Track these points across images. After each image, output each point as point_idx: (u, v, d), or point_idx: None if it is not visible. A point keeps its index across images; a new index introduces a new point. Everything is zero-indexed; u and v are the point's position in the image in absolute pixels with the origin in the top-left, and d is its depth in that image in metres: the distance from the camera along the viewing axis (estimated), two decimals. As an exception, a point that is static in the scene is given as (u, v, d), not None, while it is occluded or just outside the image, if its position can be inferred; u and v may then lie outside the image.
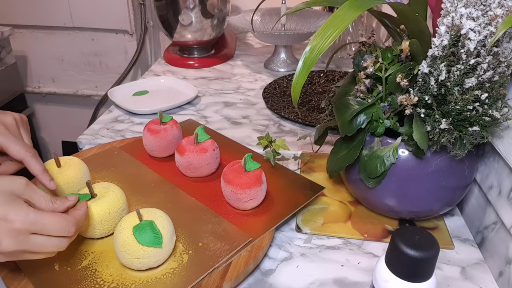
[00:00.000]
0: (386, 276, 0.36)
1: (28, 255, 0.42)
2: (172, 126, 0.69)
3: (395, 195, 0.54)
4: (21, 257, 0.42)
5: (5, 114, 0.52)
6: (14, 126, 0.52)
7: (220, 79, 1.11)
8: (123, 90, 1.00)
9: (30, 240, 0.41)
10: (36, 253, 0.42)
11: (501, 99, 0.47)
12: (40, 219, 0.41)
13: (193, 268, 0.48)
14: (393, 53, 0.51)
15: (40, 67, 1.70)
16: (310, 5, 0.49)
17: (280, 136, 0.82)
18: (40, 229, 0.41)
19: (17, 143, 0.49)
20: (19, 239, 0.40)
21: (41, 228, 0.41)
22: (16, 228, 0.40)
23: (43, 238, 0.42)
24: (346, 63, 1.17)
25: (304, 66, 0.44)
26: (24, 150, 0.49)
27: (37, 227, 0.41)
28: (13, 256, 0.41)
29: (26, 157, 0.49)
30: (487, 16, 0.43)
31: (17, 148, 0.49)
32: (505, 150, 0.51)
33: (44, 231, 0.42)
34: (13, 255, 0.41)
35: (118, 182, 0.63)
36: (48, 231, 0.42)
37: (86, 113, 1.71)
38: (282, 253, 0.56)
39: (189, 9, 1.12)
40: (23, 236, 0.40)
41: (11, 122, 0.52)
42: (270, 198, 0.60)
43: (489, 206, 0.57)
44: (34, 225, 0.41)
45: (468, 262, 0.54)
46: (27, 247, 0.41)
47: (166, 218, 0.50)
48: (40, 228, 0.41)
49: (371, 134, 0.54)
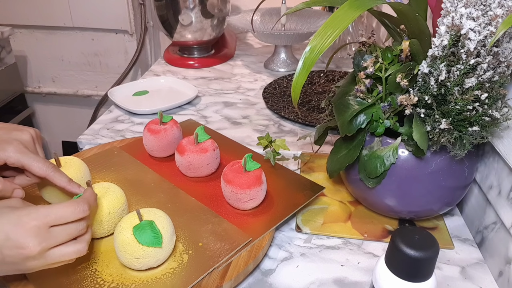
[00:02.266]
0: (386, 276, 0.36)
1: (57, 253, 0.42)
2: (172, 126, 0.69)
3: (395, 195, 0.54)
4: (52, 258, 0.42)
5: (21, 131, 0.53)
6: (31, 143, 0.53)
7: (220, 79, 1.11)
8: (123, 90, 1.00)
9: (51, 233, 0.41)
10: (64, 248, 0.43)
11: (501, 99, 0.47)
12: (51, 209, 0.42)
13: (193, 268, 0.48)
14: (393, 53, 0.51)
15: (40, 67, 1.70)
16: (310, 5, 0.49)
17: (280, 136, 0.82)
18: (55, 219, 0.42)
19: (38, 161, 0.50)
20: (41, 235, 0.40)
21: (56, 217, 0.42)
22: (34, 226, 0.40)
23: (62, 227, 0.42)
24: (346, 63, 1.17)
25: (304, 66, 0.44)
26: (46, 167, 0.50)
27: (52, 218, 0.41)
28: (44, 260, 0.41)
29: (49, 172, 0.50)
30: (487, 16, 0.43)
31: (40, 165, 0.50)
32: (505, 150, 0.51)
33: (60, 219, 0.42)
34: (44, 259, 0.41)
35: (118, 182, 0.63)
36: (63, 217, 0.42)
37: (86, 113, 1.71)
38: (282, 253, 0.56)
39: (189, 9, 1.12)
40: (43, 231, 0.41)
41: (29, 139, 0.53)
42: (270, 198, 0.60)
43: (489, 206, 0.57)
44: (48, 216, 0.41)
45: (467, 262, 0.54)
46: (52, 240, 0.41)
47: (166, 218, 0.50)
48: (55, 217, 0.42)
49: (371, 134, 0.54)
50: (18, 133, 0.53)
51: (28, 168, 0.50)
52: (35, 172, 0.50)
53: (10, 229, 0.40)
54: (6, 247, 0.40)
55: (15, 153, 0.49)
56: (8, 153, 0.49)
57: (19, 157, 0.49)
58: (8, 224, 0.40)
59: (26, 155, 0.50)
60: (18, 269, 0.42)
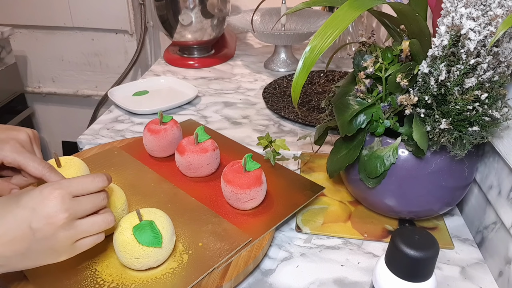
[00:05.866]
0: (386, 276, 0.36)
1: (86, 222, 0.43)
2: (172, 126, 0.69)
3: (395, 195, 0.54)
4: (82, 228, 0.42)
5: (18, 131, 0.53)
6: (29, 143, 0.53)
7: (220, 79, 1.11)
8: (123, 90, 1.00)
9: (76, 201, 0.42)
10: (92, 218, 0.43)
11: (501, 99, 0.47)
12: (72, 180, 0.43)
13: (193, 268, 0.48)
14: (393, 53, 0.51)
15: (40, 67, 1.70)
16: (310, 5, 0.49)
17: (280, 136, 0.82)
18: (76, 188, 0.42)
19: (34, 161, 0.50)
20: (66, 203, 0.41)
21: (77, 186, 0.42)
22: (57, 194, 0.41)
23: (85, 196, 0.43)
24: (346, 63, 1.17)
25: (304, 66, 0.44)
26: (42, 167, 0.50)
27: (74, 187, 0.42)
28: (75, 230, 0.42)
29: (45, 172, 0.50)
30: (487, 16, 0.43)
31: (35, 165, 0.50)
32: (505, 150, 0.51)
33: (81, 189, 0.43)
34: (75, 229, 0.42)
35: (118, 182, 0.63)
36: (84, 186, 0.43)
37: (86, 113, 1.71)
38: (282, 253, 0.56)
39: (189, 9, 1.12)
40: (67, 199, 0.41)
41: (26, 139, 0.53)
42: (270, 198, 0.60)
43: (489, 206, 0.57)
44: (70, 185, 0.42)
45: (467, 262, 0.54)
46: (78, 207, 0.42)
47: (166, 218, 0.50)
48: (76, 187, 0.42)
49: (371, 134, 0.54)
50: (15, 132, 0.52)
51: (24, 168, 0.49)
52: (31, 172, 0.49)
53: (35, 203, 0.40)
54: (34, 221, 0.40)
55: (11, 152, 0.49)
56: (5, 153, 0.49)
57: (15, 157, 0.49)
58: (31, 200, 0.40)
59: (22, 154, 0.49)
60: (51, 245, 0.41)
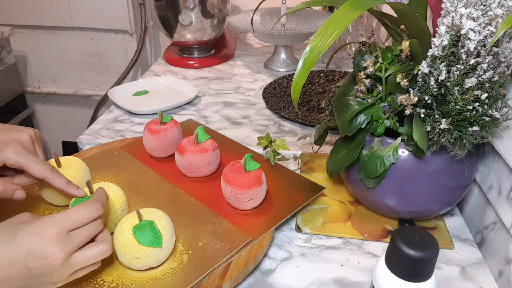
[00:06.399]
0: (386, 276, 0.36)
1: (81, 257, 0.42)
2: (172, 126, 0.69)
3: (395, 195, 0.54)
4: (77, 262, 0.42)
5: (20, 132, 0.53)
6: (31, 144, 0.53)
7: (220, 79, 1.11)
8: (123, 90, 1.00)
9: (71, 236, 0.41)
10: (88, 251, 0.42)
11: (501, 99, 0.47)
12: (66, 214, 0.42)
13: (193, 268, 0.48)
14: (393, 53, 0.51)
15: (40, 67, 1.70)
16: (310, 5, 0.49)
17: (280, 136, 0.82)
18: (72, 222, 0.41)
19: (37, 162, 0.50)
20: (62, 241, 0.40)
21: (72, 220, 0.42)
22: (53, 233, 0.40)
23: (80, 229, 0.42)
24: (346, 63, 1.17)
25: (304, 66, 0.44)
26: (44, 168, 0.50)
27: (69, 222, 0.41)
28: (70, 266, 0.41)
29: (47, 174, 0.50)
30: (487, 16, 0.43)
31: (38, 167, 0.50)
32: (505, 150, 0.51)
33: (77, 222, 0.42)
34: (70, 265, 0.41)
35: (118, 182, 0.63)
36: (79, 219, 0.42)
37: (86, 113, 1.71)
38: (282, 253, 0.56)
39: (189, 9, 1.12)
40: (63, 236, 0.40)
41: (27, 140, 0.52)
42: (270, 198, 0.60)
43: (489, 206, 0.57)
44: (65, 221, 0.41)
45: (467, 262, 0.54)
46: (74, 243, 0.41)
47: (166, 218, 0.50)
48: (72, 221, 0.41)
49: (371, 134, 0.54)
50: (17, 134, 0.52)
51: (27, 170, 0.49)
52: (33, 174, 0.50)
53: (30, 242, 0.39)
54: (30, 260, 0.39)
55: (13, 154, 0.49)
56: (7, 155, 0.48)
57: (17, 159, 0.49)
58: (27, 237, 0.40)
59: (25, 156, 0.49)
60: (46, 281, 0.41)
